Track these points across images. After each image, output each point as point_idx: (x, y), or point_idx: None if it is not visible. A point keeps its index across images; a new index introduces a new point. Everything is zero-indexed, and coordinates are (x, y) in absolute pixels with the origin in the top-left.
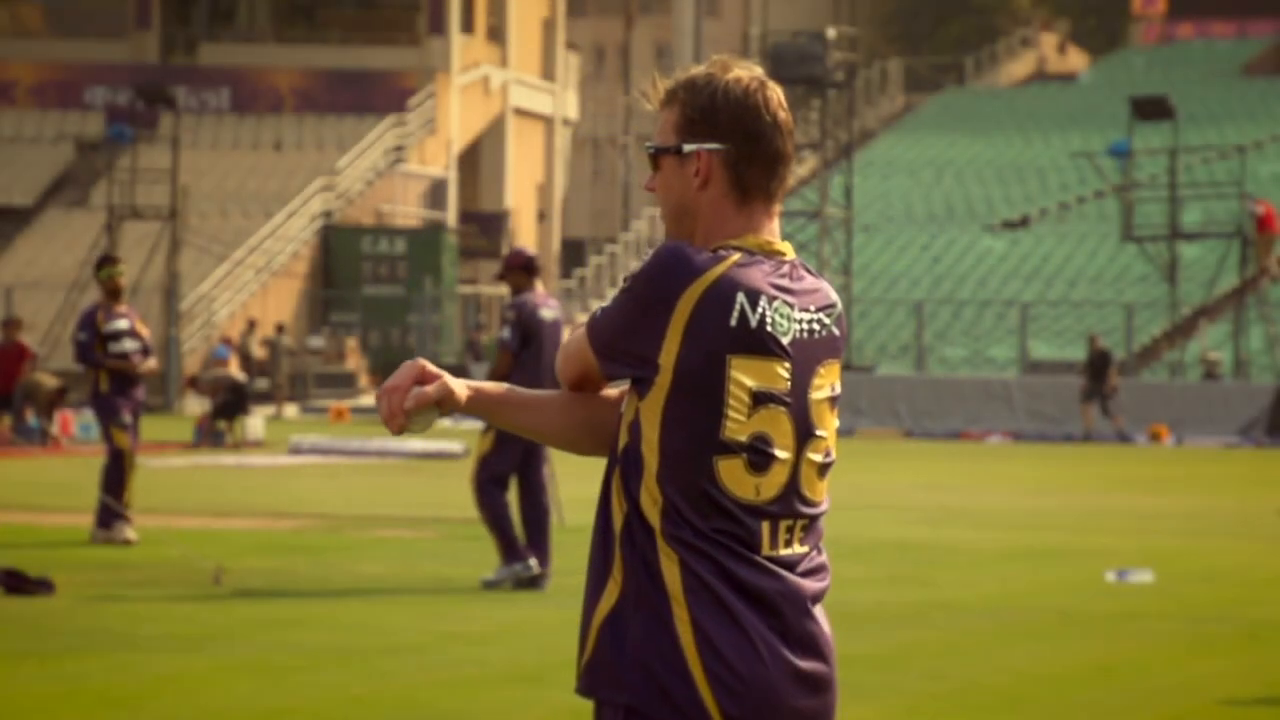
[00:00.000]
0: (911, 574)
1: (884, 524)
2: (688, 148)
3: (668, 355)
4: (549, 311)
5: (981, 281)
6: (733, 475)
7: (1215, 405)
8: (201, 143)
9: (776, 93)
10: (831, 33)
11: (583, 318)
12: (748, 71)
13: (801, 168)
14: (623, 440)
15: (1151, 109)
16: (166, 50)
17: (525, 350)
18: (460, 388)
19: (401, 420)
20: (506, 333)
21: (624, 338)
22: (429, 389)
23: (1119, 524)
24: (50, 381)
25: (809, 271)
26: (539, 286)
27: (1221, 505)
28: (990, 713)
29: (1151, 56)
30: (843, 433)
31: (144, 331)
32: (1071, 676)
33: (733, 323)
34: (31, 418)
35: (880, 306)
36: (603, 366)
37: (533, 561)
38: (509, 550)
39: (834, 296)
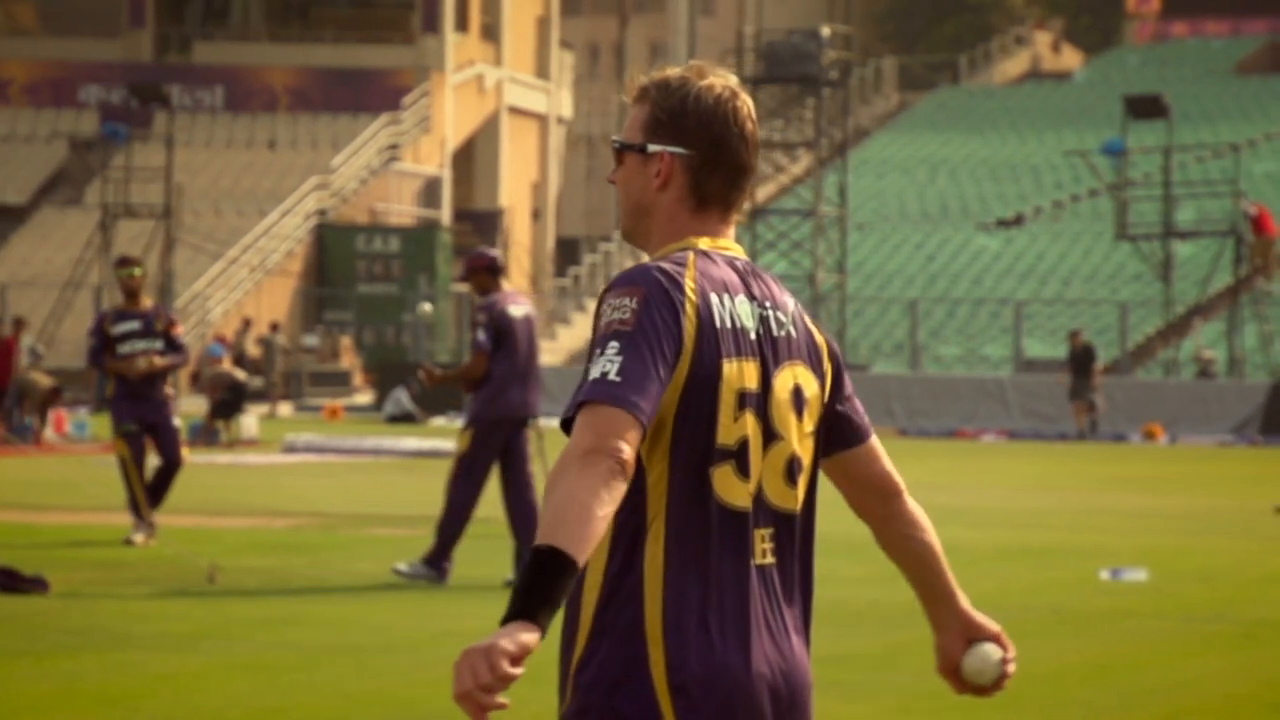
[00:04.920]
0: None
1: None
2: (652, 148)
3: (680, 370)
4: (518, 309)
5: (976, 280)
6: (725, 483)
7: (1210, 404)
8: (196, 141)
9: (747, 104)
10: (826, 31)
11: (578, 315)
12: (722, 80)
13: (796, 166)
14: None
15: (1145, 107)
16: (160, 49)
17: (499, 350)
18: (530, 631)
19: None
20: (481, 334)
21: (663, 368)
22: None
23: (1113, 522)
24: (45, 380)
25: (762, 272)
26: (505, 285)
27: (1216, 504)
28: (984, 711)
29: (1145, 55)
30: None
31: (173, 329)
32: (1066, 675)
33: (718, 323)
34: (26, 416)
35: (875, 305)
36: (649, 420)
37: (447, 574)
38: (438, 552)
39: (788, 298)
